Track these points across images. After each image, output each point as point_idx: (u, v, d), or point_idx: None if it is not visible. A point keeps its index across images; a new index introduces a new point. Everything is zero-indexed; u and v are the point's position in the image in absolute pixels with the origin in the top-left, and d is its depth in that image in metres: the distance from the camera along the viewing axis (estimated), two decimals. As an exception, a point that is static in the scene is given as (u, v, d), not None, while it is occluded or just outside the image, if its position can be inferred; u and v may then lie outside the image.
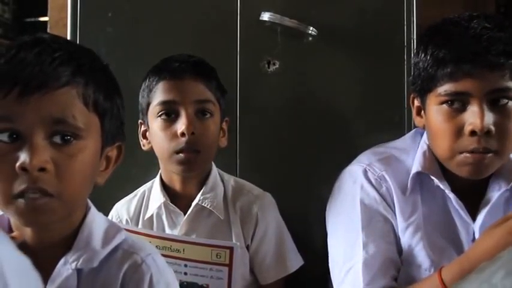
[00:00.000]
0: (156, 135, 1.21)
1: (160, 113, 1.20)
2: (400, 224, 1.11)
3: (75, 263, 0.82)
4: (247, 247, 1.27)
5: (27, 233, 0.82)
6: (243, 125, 1.44)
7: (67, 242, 0.84)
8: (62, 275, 0.81)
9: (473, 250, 0.98)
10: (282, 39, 1.44)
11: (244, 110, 1.45)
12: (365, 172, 1.14)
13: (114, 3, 1.48)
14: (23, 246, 0.81)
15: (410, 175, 1.11)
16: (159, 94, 1.21)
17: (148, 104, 1.23)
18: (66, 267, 0.82)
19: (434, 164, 1.11)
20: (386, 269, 1.08)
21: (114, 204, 1.36)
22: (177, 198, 1.27)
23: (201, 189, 1.26)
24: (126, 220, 1.30)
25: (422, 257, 1.09)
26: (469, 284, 0.46)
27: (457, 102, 1.03)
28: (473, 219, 1.10)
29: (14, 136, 0.76)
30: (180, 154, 1.19)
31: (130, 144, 1.38)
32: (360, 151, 1.35)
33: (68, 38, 1.46)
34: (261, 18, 1.43)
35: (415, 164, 1.12)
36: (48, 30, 1.67)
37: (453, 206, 1.10)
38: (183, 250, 1.14)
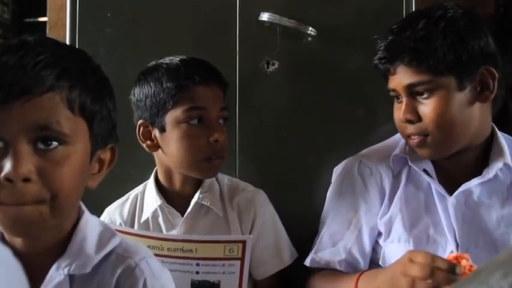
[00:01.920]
0: (181, 140, 1.20)
1: (189, 119, 1.19)
2: (387, 202, 1.22)
3: (67, 268, 0.80)
4: None
5: (18, 240, 0.80)
6: (242, 125, 1.45)
7: (60, 247, 0.81)
8: (54, 280, 0.79)
9: (382, 273, 1.11)
10: (281, 39, 1.44)
11: (243, 110, 1.45)
12: (359, 164, 1.27)
13: (113, 3, 1.48)
14: (15, 253, 0.79)
15: (391, 158, 1.23)
16: (189, 99, 1.19)
17: (167, 107, 1.20)
18: (58, 272, 0.80)
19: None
20: (337, 249, 1.24)
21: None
22: (173, 200, 1.28)
23: (198, 188, 1.26)
24: (120, 224, 1.29)
25: (399, 229, 1.19)
26: (467, 285, 0.46)
27: (396, 97, 1.19)
28: None
29: None
30: (212, 161, 1.21)
31: (130, 145, 1.39)
32: (359, 150, 1.35)
33: (67, 38, 1.46)
34: (260, 19, 1.43)
35: (397, 149, 1.23)
36: (47, 31, 1.67)
37: (433, 185, 1.19)
38: (196, 250, 1.13)
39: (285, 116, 1.46)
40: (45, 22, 1.70)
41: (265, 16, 1.43)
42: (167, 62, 1.24)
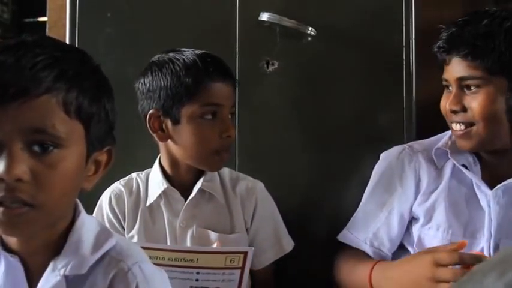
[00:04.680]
0: (195, 134, 1.22)
1: (204, 114, 1.22)
2: (426, 192, 1.25)
3: (63, 269, 0.79)
4: (246, 231, 1.30)
5: (12, 239, 0.80)
6: (242, 125, 1.44)
7: (55, 247, 0.80)
8: (50, 282, 0.79)
9: (399, 264, 1.17)
10: (281, 39, 1.44)
11: (243, 110, 1.45)
12: (402, 150, 1.31)
13: (113, 3, 1.48)
14: (10, 252, 0.80)
15: (433, 151, 1.27)
16: (206, 95, 1.21)
17: (183, 101, 1.21)
18: (54, 273, 0.79)
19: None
20: (367, 229, 1.28)
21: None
22: (176, 187, 1.29)
23: (199, 178, 1.28)
24: (125, 202, 1.29)
25: (440, 218, 1.22)
26: (463, 286, 0.46)
27: (446, 87, 1.23)
28: None
29: None
30: (223, 154, 1.24)
31: (130, 144, 1.39)
32: (359, 150, 1.36)
33: (67, 38, 1.47)
34: (260, 19, 1.43)
35: (440, 142, 1.28)
36: (47, 31, 1.67)
37: (474, 180, 1.22)
38: (197, 260, 1.13)
39: (284, 115, 1.46)
40: (45, 22, 1.69)
41: (265, 16, 1.43)
42: (183, 55, 1.25)
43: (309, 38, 1.44)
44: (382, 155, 1.35)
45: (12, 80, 0.73)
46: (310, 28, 1.43)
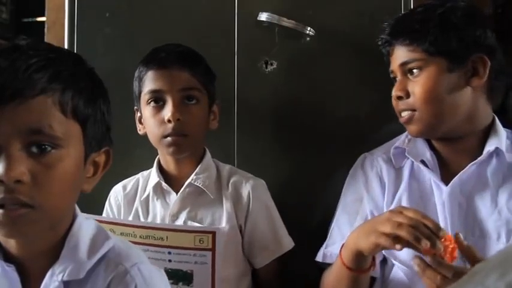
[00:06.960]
0: (147, 120, 1.29)
1: (149, 101, 1.27)
2: (390, 193, 1.24)
3: (61, 274, 0.79)
4: (240, 227, 1.30)
5: (12, 243, 0.80)
6: (240, 125, 1.45)
7: (55, 252, 0.81)
8: (49, 287, 0.79)
9: (352, 233, 1.11)
10: (279, 39, 1.44)
11: (242, 110, 1.45)
12: (363, 158, 1.31)
13: (112, 3, 1.48)
14: (11, 257, 0.80)
15: (391, 151, 1.27)
16: (147, 83, 1.28)
17: (139, 92, 1.30)
18: (53, 279, 0.79)
19: (416, 142, 1.25)
20: (344, 240, 1.19)
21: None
22: (171, 180, 1.32)
23: (195, 170, 1.31)
24: (121, 198, 1.35)
25: None
26: (464, 286, 0.46)
27: (394, 79, 1.24)
28: None
29: None
30: (168, 138, 1.26)
31: (129, 145, 1.40)
32: (357, 150, 1.35)
33: (65, 38, 1.47)
34: (258, 19, 1.44)
35: (397, 142, 1.28)
36: (46, 31, 1.66)
37: (431, 176, 1.21)
38: (166, 238, 1.15)
39: (283, 115, 1.46)
40: (43, 22, 1.68)
41: (263, 16, 1.43)
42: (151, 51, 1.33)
43: (308, 38, 1.44)
44: (350, 172, 1.33)
45: (8, 83, 0.73)
46: (308, 28, 1.43)
